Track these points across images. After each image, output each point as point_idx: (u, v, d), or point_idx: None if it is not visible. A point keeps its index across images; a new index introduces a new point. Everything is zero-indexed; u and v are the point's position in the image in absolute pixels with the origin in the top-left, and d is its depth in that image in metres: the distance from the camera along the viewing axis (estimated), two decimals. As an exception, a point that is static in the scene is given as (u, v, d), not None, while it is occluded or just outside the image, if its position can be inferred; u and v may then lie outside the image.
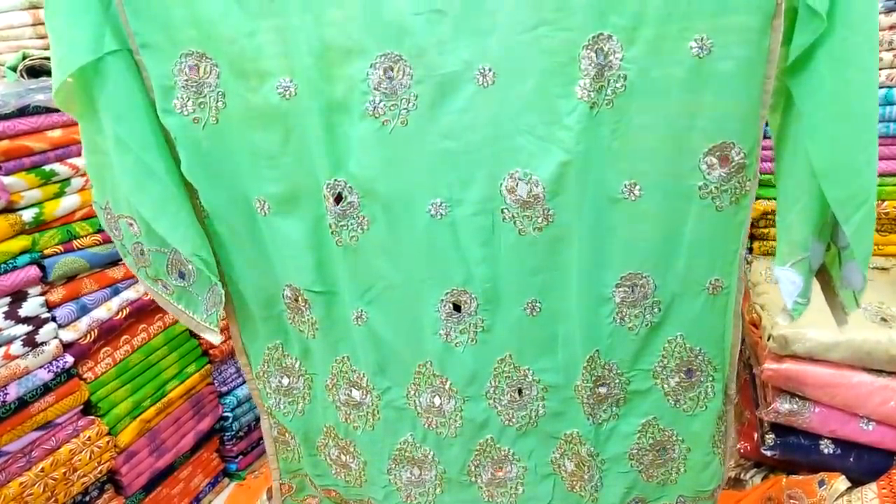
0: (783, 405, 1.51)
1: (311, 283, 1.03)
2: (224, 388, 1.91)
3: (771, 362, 1.48)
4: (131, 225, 0.99)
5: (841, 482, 1.37)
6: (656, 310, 0.98)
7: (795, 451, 1.55)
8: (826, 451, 1.52)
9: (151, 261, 1.02)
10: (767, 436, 1.58)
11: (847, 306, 0.93)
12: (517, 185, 0.90)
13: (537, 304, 0.99)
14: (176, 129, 0.93)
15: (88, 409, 1.51)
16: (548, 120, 0.86)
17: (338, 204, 0.94)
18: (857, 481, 1.38)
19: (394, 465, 1.16)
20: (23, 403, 1.34)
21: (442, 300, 1.00)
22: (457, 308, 1.00)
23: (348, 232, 0.97)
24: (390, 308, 1.02)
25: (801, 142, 0.80)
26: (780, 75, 0.81)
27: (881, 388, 1.40)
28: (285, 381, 1.17)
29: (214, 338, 1.06)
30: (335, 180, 0.93)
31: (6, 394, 1.30)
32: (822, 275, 0.93)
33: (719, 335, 1.00)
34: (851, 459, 1.50)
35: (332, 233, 0.97)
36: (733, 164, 0.86)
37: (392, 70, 0.86)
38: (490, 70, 0.84)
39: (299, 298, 1.05)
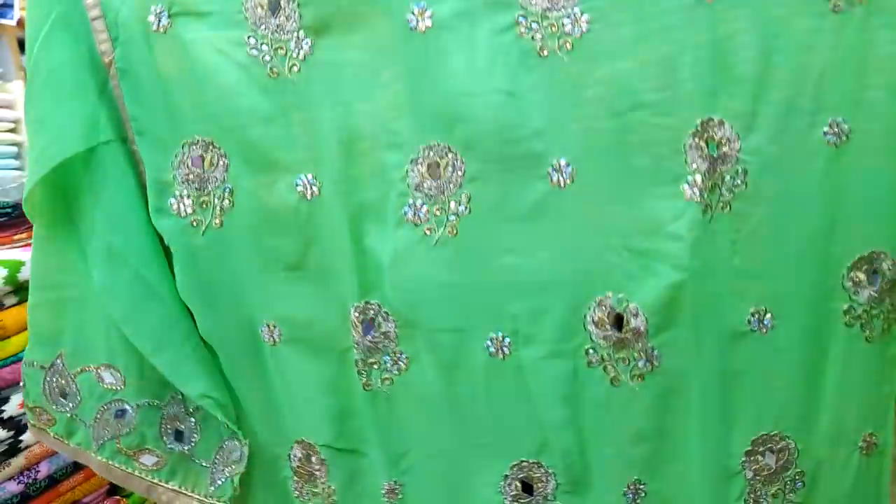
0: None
1: (332, 438, 0.77)
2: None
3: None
4: (108, 376, 0.79)
5: None
6: (799, 485, 0.69)
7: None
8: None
9: (136, 424, 0.81)
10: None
11: None
12: (608, 315, 0.66)
13: (641, 487, 0.70)
14: (171, 233, 0.75)
15: (115, 489, 1.43)
16: (647, 229, 0.64)
17: (368, 334, 0.72)
18: None
19: None
20: (53, 481, 1.29)
21: (506, 476, 0.72)
22: (527, 488, 0.72)
23: (380, 373, 0.73)
24: (434, 483, 0.76)
25: None
26: None
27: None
28: None
29: None
30: (366, 303, 0.71)
31: (38, 471, 1.26)
32: None
33: None
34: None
35: (358, 372, 0.73)
36: (885, 279, 0.65)
37: (438, 166, 0.66)
38: (567, 165, 0.64)
39: (313, 459, 0.79)
